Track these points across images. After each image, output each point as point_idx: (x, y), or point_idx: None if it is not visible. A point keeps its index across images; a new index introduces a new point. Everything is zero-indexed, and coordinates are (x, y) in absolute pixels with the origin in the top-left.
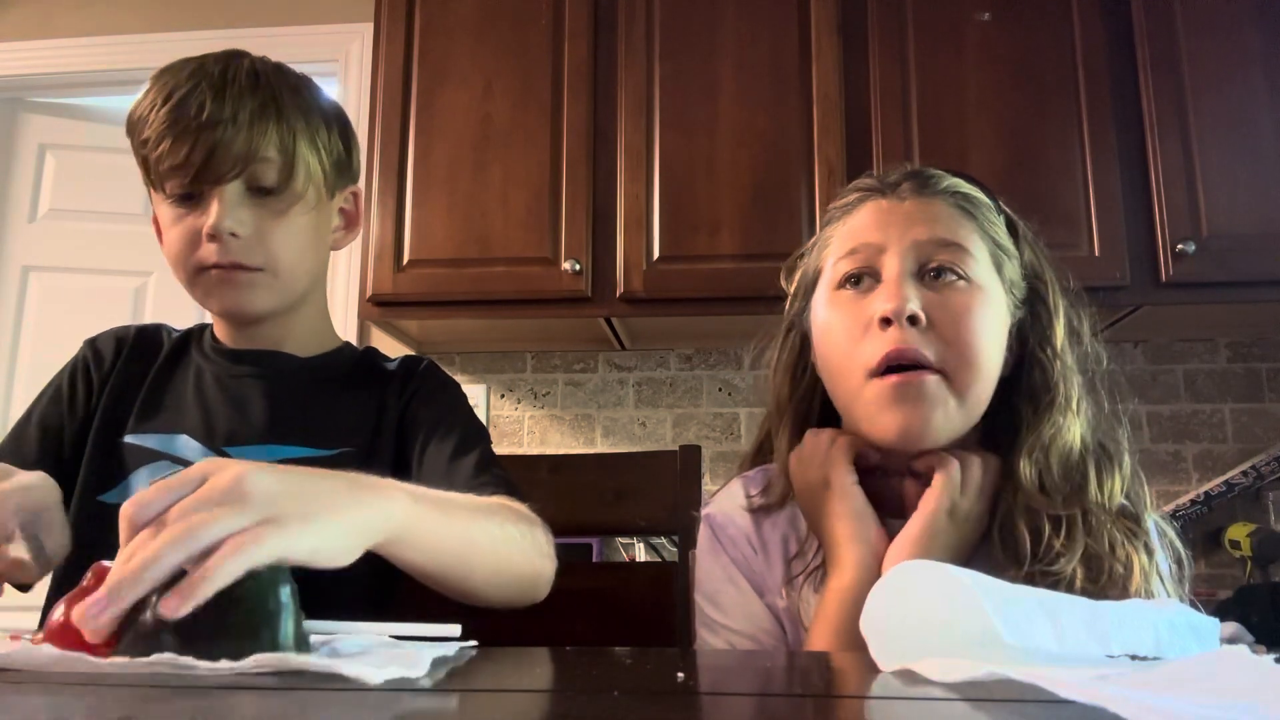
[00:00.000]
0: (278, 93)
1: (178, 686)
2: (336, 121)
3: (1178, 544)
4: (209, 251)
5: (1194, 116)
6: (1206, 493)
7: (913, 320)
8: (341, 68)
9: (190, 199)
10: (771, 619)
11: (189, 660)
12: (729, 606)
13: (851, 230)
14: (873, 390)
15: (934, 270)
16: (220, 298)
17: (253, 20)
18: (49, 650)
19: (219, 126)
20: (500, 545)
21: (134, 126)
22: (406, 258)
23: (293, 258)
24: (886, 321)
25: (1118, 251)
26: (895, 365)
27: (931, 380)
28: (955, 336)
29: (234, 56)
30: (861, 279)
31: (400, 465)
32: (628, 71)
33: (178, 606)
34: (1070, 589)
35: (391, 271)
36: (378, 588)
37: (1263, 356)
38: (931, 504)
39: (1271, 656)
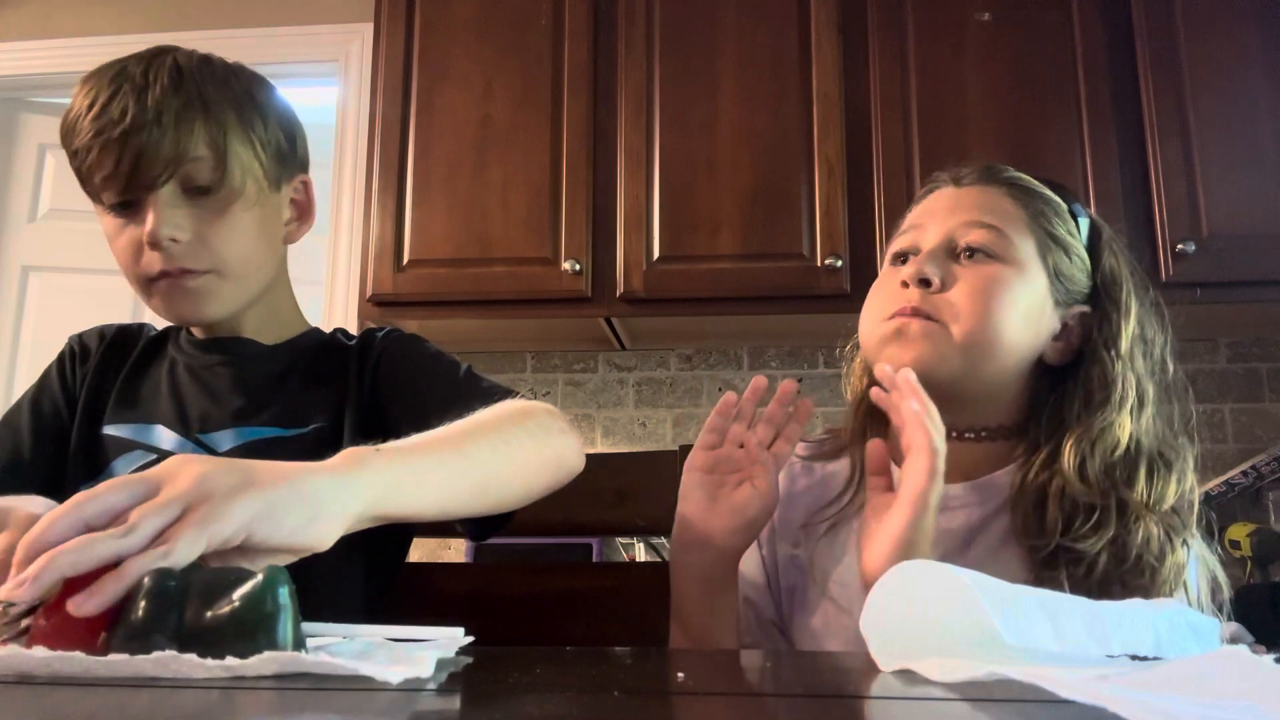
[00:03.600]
0: (203, 88)
1: (176, 686)
2: (274, 111)
3: (1218, 572)
4: (152, 260)
5: (1194, 116)
6: (1206, 493)
7: (926, 283)
8: (341, 68)
9: (128, 207)
10: (762, 574)
11: (190, 658)
12: None
13: (912, 216)
14: (879, 332)
15: (966, 250)
16: (174, 306)
17: (253, 20)
18: (39, 653)
19: (143, 130)
20: (501, 445)
21: (65, 137)
22: (406, 258)
23: (240, 256)
24: (906, 286)
25: None
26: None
27: (919, 321)
28: (966, 296)
29: (158, 54)
30: (907, 257)
31: (380, 435)
32: (628, 71)
33: (82, 604)
34: (1091, 571)
35: (391, 271)
36: (375, 590)
37: (1263, 356)
38: (919, 487)
39: (1271, 656)
